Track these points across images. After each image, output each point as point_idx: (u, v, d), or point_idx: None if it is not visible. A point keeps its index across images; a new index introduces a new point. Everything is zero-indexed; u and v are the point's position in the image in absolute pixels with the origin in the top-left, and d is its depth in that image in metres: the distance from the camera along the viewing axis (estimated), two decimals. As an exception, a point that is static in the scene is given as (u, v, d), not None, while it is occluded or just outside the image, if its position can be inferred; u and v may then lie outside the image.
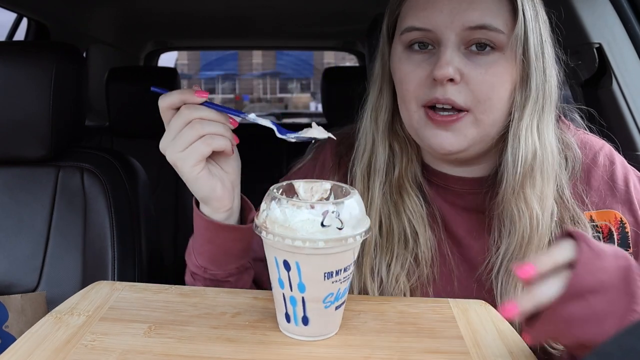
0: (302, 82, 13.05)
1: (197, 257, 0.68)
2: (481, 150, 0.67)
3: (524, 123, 0.64)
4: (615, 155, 0.72)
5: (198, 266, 0.68)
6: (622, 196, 0.69)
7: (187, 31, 2.67)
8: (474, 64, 0.63)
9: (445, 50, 0.62)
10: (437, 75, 0.61)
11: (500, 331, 0.56)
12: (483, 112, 0.63)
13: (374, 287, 0.69)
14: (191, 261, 0.69)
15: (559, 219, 0.67)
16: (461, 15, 0.62)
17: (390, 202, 0.70)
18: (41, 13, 1.95)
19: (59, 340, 0.52)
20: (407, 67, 0.66)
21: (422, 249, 0.69)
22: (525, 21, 0.62)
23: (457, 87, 0.62)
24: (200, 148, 0.60)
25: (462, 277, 0.69)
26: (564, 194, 0.68)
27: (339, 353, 0.52)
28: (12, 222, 1.05)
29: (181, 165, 0.61)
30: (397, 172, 0.71)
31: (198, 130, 0.60)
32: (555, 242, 0.65)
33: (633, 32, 1.10)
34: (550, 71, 0.65)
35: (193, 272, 0.69)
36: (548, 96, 0.65)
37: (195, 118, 0.60)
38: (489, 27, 0.62)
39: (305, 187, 0.56)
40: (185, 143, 0.60)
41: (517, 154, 0.64)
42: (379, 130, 0.71)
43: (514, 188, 0.64)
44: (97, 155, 1.11)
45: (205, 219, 0.65)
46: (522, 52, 0.62)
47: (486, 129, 0.65)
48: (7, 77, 0.99)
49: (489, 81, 0.62)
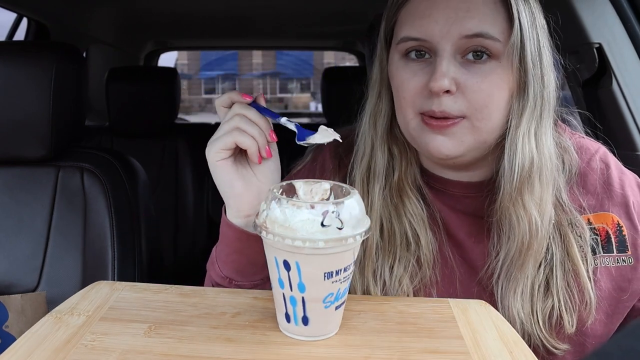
0: (302, 82, 13.06)
1: (221, 267, 0.68)
2: (479, 155, 0.67)
3: (521, 130, 0.64)
4: (610, 157, 0.72)
5: (223, 277, 0.68)
6: (619, 199, 0.69)
7: (187, 31, 2.67)
8: (470, 73, 0.62)
9: (441, 61, 0.62)
10: (433, 88, 0.61)
11: (500, 331, 0.56)
12: (480, 120, 0.63)
13: (377, 290, 0.69)
14: (215, 272, 0.69)
15: (556, 222, 0.67)
16: (457, 25, 0.61)
17: (390, 205, 0.70)
18: (41, 13, 1.95)
19: (59, 340, 0.52)
20: (404, 75, 0.66)
21: (424, 251, 0.69)
22: (522, 29, 0.61)
23: (452, 98, 0.62)
24: (225, 138, 0.63)
25: (463, 279, 0.69)
26: (561, 197, 0.68)
27: (339, 353, 0.52)
28: (12, 222, 1.05)
29: (208, 150, 0.64)
30: (396, 175, 0.71)
31: (232, 123, 0.63)
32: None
33: (633, 32, 1.10)
34: (548, 77, 0.65)
35: (217, 282, 0.69)
36: (546, 102, 0.65)
37: (238, 114, 0.63)
38: (485, 35, 0.61)
39: (305, 189, 0.56)
40: (220, 132, 0.63)
41: (514, 161, 0.64)
42: (378, 134, 0.71)
43: (511, 194, 0.64)
44: (97, 155, 1.11)
45: (237, 229, 0.65)
46: (518, 60, 0.62)
47: (483, 136, 0.64)
48: (7, 77, 0.99)
49: (485, 90, 0.62)
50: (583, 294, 0.66)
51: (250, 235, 0.64)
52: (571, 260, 0.66)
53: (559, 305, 0.65)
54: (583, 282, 0.66)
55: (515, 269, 0.65)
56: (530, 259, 0.65)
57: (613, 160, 0.72)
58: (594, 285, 0.66)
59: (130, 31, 2.60)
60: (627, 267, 0.68)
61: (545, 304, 0.66)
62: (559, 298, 0.66)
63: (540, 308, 0.66)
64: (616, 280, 0.68)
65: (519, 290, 0.66)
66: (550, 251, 0.66)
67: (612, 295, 0.68)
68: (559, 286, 0.66)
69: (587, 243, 0.67)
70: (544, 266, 0.66)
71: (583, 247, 0.67)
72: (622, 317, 0.69)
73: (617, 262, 0.68)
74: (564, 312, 0.65)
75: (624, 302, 0.68)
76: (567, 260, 0.66)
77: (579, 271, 0.66)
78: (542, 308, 0.66)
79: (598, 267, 0.67)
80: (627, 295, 0.68)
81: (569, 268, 0.66)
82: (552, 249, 0.66)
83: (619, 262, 0.68)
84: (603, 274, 0.67)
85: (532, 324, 0.66)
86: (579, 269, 0.66)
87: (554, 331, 0.66)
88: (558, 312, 0.66)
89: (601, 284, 0.67)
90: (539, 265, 0.66)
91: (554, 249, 0.66)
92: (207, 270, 0.73)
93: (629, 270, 0.68)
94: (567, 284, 0.66)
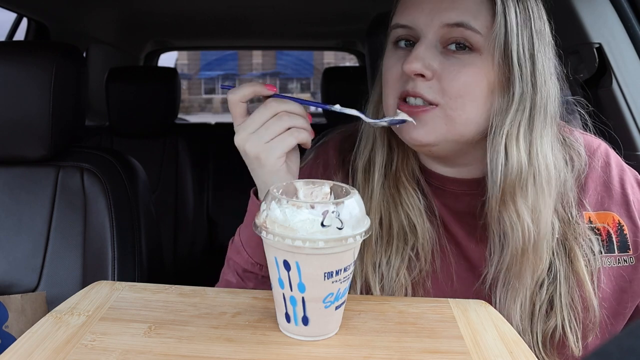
0: (302, 82, 13.07)
1: (251, 254, 0.67)
2: (458, 149, 0.67)
3: (504, 130, 0.63)
4: (611, 155, 0.72)
5: (254, 263, 0.67)
6: (619, 198, 0.69)
7: (187, 31, 2.67)
8: (448, 62, 0.63)
9: (418, 46, 0.63)
10: (404, 69, 0.63)
11: (500, 331, 0.56)
12: (453, 109, 0.63)
13: (376, 281, 0.69)
14: (243, 259, 0.68)
15: (562, 236, 0.66)
16: (440, 14, 0.63)
17: (389, 196, 0.71)
18: (41, 13, 1.95)
19: (59, 340, 0.52)
20: (389, 62, 0.68)
21: (421, 242, 0.69)
22: (507, 26, 0.61)
23: (428, 83, 0.63)
24: (287, 140, 0.61)
25: (462, 275, 0.70)
26: (570, 211, 0.67)
27: (339, 353, 0.52)
28: (12, 222, 1.05)
29: (266, 156, 0.62)
30: (394, 166, 0.71)
31: (286, 122, 0.61)
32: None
33: (633, 32, 1.10)
34: (542, 82, 0.63)
35: (245, 269, 0.68)
36: (539, 108, 0.63)
37: (283, 111, 0.61)
38: (465, 25, 0.62)
39: (306, 191, 0.56)
40: (272, 134, 0.61)
41: (497, 161, 0.63)
42: (379, 127, 0.71)
43: (497, 197, 0.64)
44: (97, 155, 1.11)
45: None
46: (501, 56, 0.62)
47: (456, 127, 0.64)
48: (7, 77, 0.99)
49: (461, 80, 0.62)
50: (588, 309, 0.65)
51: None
52: (576, 275, 0.66)
53: (562, 323, 0.65)
54: (588, 297, 0.65)
55: (512, 278, 0.65)
56: (527, 269, 0.64)
57: (614, 156, 0.72)
58: (596, 291, 0.66)
59: (130, 31, 2.60)
60: (628, 267, 0.68)
61: (548, 324, 0.65)
62: (563, 316, 0.65)
63: (541, 329, 0.65)
64: (617, 281, 0.68)
65: (518, 301, 0.65)
66: (554, 269, 0.66)
67: (612, 296, 0.67)
68: (563, 303, 0.65)
69: (594, 257, 0.66)
70: (547, 284, 0.66)
71: (590, 261, 0.66)
72: (624, 321, 0.69)
73: (619, 262, 0.68)
74: (568, 330, 0.65)
75: (624, 303, 0.68)
76: (572, 275, 0.66)
77: (585, 286, 0.65)
78: (543, 329, 0.65)
79: (599, 267, 0.67)
80: (628, 296, 0.68)
81: (574, 283, 0.66)
82: (556, 265, 0.66)
83: (620, 262, 0.68)
84: (604, 275, 0.67)
85: (531, 344, 0.65)
86: (585, 284, 0.65)
87: (555, 351, 0.66)
88: (561, 331, 0.65)
89: (602, 285, 0.67)
90: (541, 283, 0.65)
91: (557, 265, 0.66)
92: (227, 260, 0.72)
93: (630, 270, 0.68)
94: (572, 299, 0.65)
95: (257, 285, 0.69)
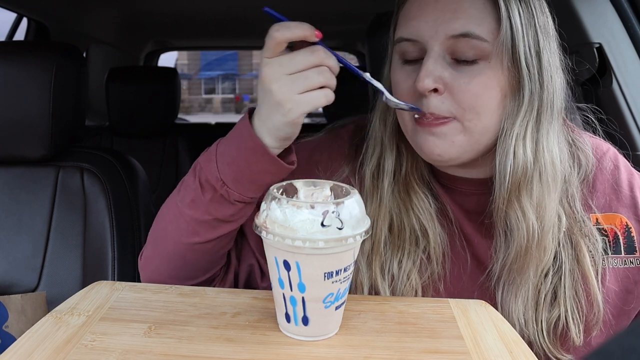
0: (302, 82, 13.00)
1: (220, 169, 0.62)
2: (475, 156, 0.67)
3: (514, 132, 0.63)
4: (620, 158, 0.72)
5: (217, 178, 0.62)
6: (627, 201, 0.69)
7: (187, 31, 2.68)
8: (458, 73, 0.62)
9: (427, 60, 0.62)
10: (418, 88, 0.62)
11: (500, 331, 0.56)
12: (469, 120, 0.63)
13: (385, 285, 0.68)
14: (210, 169, 0.63)
15: (568, 230, 0.67)
16: (444, 25, 0.62)
17: (399, 200, 0.70)
18: (41, 13, 1.95)
19: (59, 340, 0.52)
20: (399, 78, 0.67)
21: (433, 246, 0.69)
22: (513, 29, 0.61)
23: (440, 98, 0.63)
24: (319, 99, 0.56)
25: (472, 275, 0.70)
26: (575, 206, 0.67)
27: (339, 353, 0.52)
28: (12, 222, 1.05)
29: (290, 108, 0.56)
30: (404, 171, 0.71)
31: (327, 79, 0.56)
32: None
33: (633, 32, 1.10)
34: (549, 78, 0.63)
35: (208, 180, 0.63)
36: (546, 105, 0.63)
37: (327, 65, 0.57)
38: (471, 35, 0.61)
39: (306, 192, 0.56)
40: (308, 87, 0.56)
41: (505, 162, 0.63)
42: (387, 131, 0.71)
43: (504, 196, 0.64)
44: (97, 155, 1.11)
45: (257, 141, 0.60)
46: (510, 60, 0.61)
47: (475, 137, 0.64)
48: (7, 77, 1.00)
49: (472, 90, 0.62)
50: (592, 304, 0.66)
51: (265, 152, 0.60)
52: (581, 269, 0.66)
53: (565, 314, 0.65)
54: (592, 292, 0.65)
55: (515, 273, 0.65)
56: (530, 265, 0.64)
57: (622, 161, 0.72)
58: (600, 287, 0.66)
59: (130, 31, 2.60)
60: (634, 269, 0.68)
61: (552, 313, 0.66)
62: (567, 308, 0.65)
63: (546, 317, 0.66)
64: (623, 282, 0.68)
65: (520, 296, 0.65)
66: (559, 259, 0.66)
67: (618, 296, 0.67)
68: (567, 295, 0.65)
69: (599, 254, 0.67)
70: (552, 274, 0.66)
71: (595, 258, 0.67)
72: (628, 320, 0.69)
73: (625, 263, 0.68)
74: (570, 322, 0.65)
75: (629, 303, 0.68)
76: (577, 268, 0.66)
77: (589, 281, 0.66)
78: (547, 317, 0.66)
79: (606, 268, 0.67)
80: (633, 297, 0.68)
81: (578, 277, 0.66)
82: (562, 257, 0.66)
83: (626, 264, 0.68)
84: (610, 276, 0.67)
85: (536, 332, 0.65)
86: (589, 279, 0.66)
87: (558, 341, 0.66)
88: (564, 322, 0.65)
89: (608, 285, 0.67)
90: (545, 273, 0.66)
91: (563, 257, 0.66)
92: (194, 165, 0.67)
93: (636, 271, 0.68)
94: (576, 292, 0.66)
95: (213, 198, 0.64)
